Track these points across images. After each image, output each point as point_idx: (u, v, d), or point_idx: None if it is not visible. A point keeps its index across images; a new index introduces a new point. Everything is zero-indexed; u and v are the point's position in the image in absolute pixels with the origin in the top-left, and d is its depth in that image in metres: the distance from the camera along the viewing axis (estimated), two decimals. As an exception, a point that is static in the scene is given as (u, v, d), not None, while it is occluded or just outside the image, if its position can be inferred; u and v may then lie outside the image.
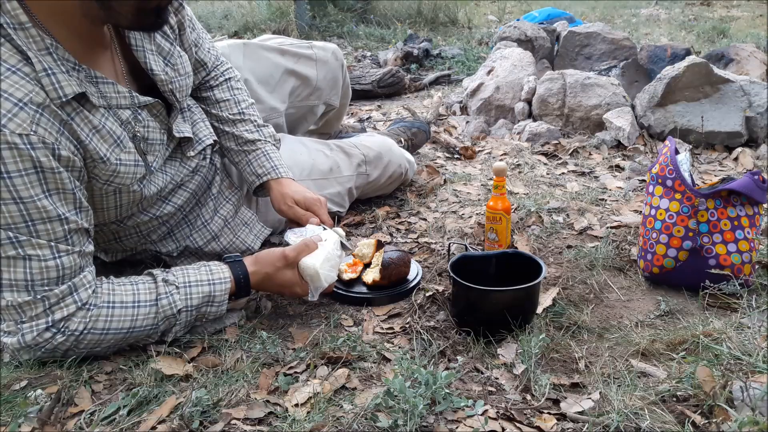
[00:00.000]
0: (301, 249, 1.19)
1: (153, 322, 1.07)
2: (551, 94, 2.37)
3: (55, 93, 0.98)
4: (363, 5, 5.17)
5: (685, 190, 1.24)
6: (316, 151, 1.62)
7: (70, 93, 0.99)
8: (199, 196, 1.38)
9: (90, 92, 1.03)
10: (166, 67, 1.20)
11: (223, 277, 1.13)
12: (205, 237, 1.40)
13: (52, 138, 0.96)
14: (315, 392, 0.98)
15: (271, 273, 1.17)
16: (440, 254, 1.47)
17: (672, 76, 2.19)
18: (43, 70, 0.96)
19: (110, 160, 1.07)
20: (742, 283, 1.22)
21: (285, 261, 1.17)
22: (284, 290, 1.21)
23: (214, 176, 1.42)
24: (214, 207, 1.42)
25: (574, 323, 1.16)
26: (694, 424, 0.88)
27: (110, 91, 1.08)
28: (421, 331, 1.15)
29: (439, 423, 0.90)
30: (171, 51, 1.22)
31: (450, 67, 3.63)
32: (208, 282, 1.12)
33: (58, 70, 0.98)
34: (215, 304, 1.13)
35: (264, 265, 1.18)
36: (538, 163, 2.11)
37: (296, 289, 1.19)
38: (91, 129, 1.04)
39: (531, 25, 3.16)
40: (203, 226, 1.40)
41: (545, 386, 0.97)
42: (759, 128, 2.16)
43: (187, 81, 1.26)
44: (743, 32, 4.36)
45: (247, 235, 1.46)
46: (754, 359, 0.97)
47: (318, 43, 1.82)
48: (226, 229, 1.43)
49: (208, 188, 1.41)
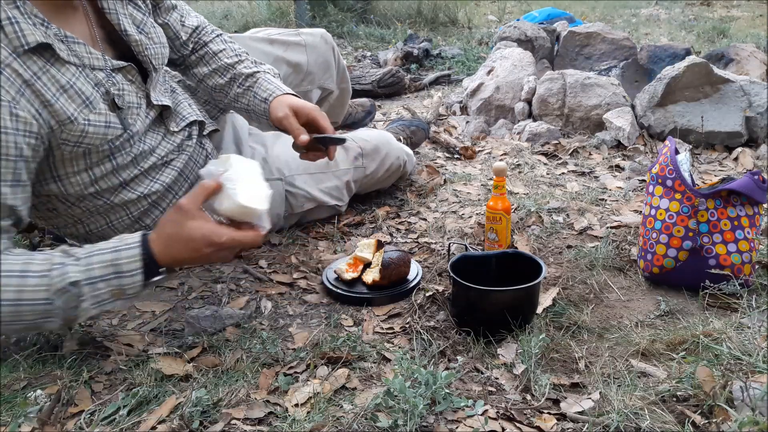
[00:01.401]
0: (197, 193, 0.99)
1: (45, 296, 0.94)
2: (551, 94, 2.37)
3: (18, 41, 0.96)
4: (363, 5, 5.16)
5: (685, 190, 1.24)
6: None
7: (32, 42, 0.97)
8: (192, 179, 1.36)
9: (58, 47, 1.02)
10: (140, 34, 1.20)
11: (130, 242, 0.99)
12: None
13: (9, 96, 0.94)
14: (315, 392, 0.98)
15: (172, 233, 0.99)
16: (440, 254, 1.47)
17: (672, 76, 2.19)
18: (6, 18, 0.96)
19: (78, 120, 1.04)
20: (742, 283, 1.22)
21: (181, 212, 0.99)
22: (206, 253, 0.99)
23: (206, 159, 1.41)
24: None
25: (574, 323, 1.16)
26: (694, 424, 0.88)
27: (82, 51, 1.07)
28: (421, 331, 1.15)
29: (439, 423, 0.90)
30: (144, 20, 1.23)
31: (450, 67, 3.62)
32: (113, 249, 0.99)
33: (22, 20, 0.97)
34: (125, 274, 0.98)
35: (162, 225, 1.01)
36: (538, 163, 2.11)
37: (222, 251, 1.00)
38: (58, 88, 1.02)
39: (531, 25, 3.16)
40: None
41: (545, 386, 0.97)
42: (759, 128, 2.16)
43: (162, 50, 1.26)
44: (743, 32, 4.36)
45: None
46: (754, 359, 0.97)
47: (305, 30, 1.86)
48: None
49: (197, 166, 1.39)
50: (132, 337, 1.16)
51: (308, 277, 1.40)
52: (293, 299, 1.31)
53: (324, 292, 1.33)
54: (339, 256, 1.47)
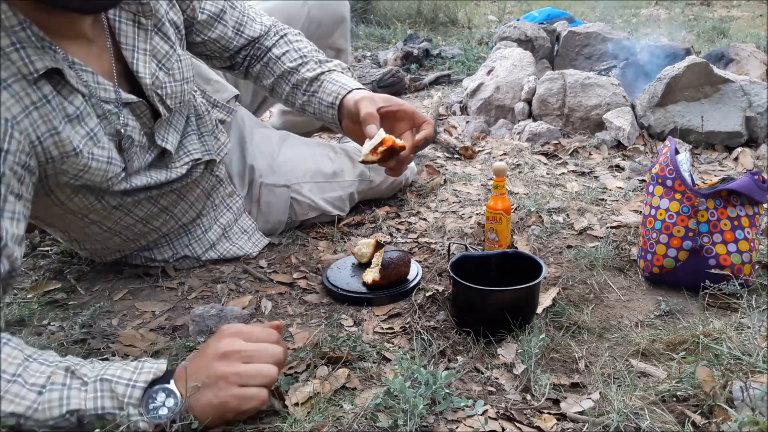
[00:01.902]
0: None
1: None
2: (551, 94, 2.37)
3: (26, 68, 0.90)
4: (363, 5, 5.17)
5: (685, 190, 1.24)
6: (321, 155, 1.61)
7: (41, 68, 0.91)
8: (200, 209, 1.36)
9: (68, 74, 0.97)
10: (160, 70, 1.14)
11: None
12: (204, 245, 1.40)
13: (9, 114, 0.87)
14: (315, 392, 0.98)
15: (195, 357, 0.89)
16: (440, 254, 1.47)
17: (672, 76, 2.19)
18: (11, 44, 0.89)
19: (83, 153, 1.00)
20: (742, 283, 1.22)
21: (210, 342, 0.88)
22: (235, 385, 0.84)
23: (215, 187, 1.39)
24: (214, 216, 1.41)
25: (574, 323, 1.17)
26: (694, 424, 0.88)
27: (90, 80, 1.02)
28: (421, 331, 1.15)
29: (439, 423, 0.90)
30: (169, 54, 1.16)
31: (450, 67, 3.62)
32: None
33: (29, 45, 0.90)
34: None
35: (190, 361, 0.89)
36: (538, 163, 2.11)
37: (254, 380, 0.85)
38: (65, 116, 0.97)
39: (531, 25, 3.16)
40: (202, 235, 1.39)
41: (545, 386, 0.97)
42: (759, 128, 2.16)
43: (183, 87, 1.20)
44: (743, 32, 4.36)
45: (245, 243, 1.45)
46: (754, 359, 0.97)
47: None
48: (224, 238, 1.42)
49: (207, 198, 1.39)
50: (133, 336, 1.16)
51: (308, 277, 1.40)
52: (293, 299, 1.31)
53: (324, 292, 1.33)
54: (339, 256, 1.47)
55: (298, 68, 1.29)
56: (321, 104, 1.22)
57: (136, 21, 1.11)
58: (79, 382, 0.82)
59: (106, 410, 0.81)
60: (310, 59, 1.30)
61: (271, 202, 1.49)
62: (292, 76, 1.29)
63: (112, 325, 1.22)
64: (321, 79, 1.24)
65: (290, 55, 1.30)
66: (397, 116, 1.16)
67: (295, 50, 1.31)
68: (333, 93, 1.20)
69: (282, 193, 1.49)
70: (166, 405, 0.82)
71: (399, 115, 1.16)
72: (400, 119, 1.17)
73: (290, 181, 1.51)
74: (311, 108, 1.26)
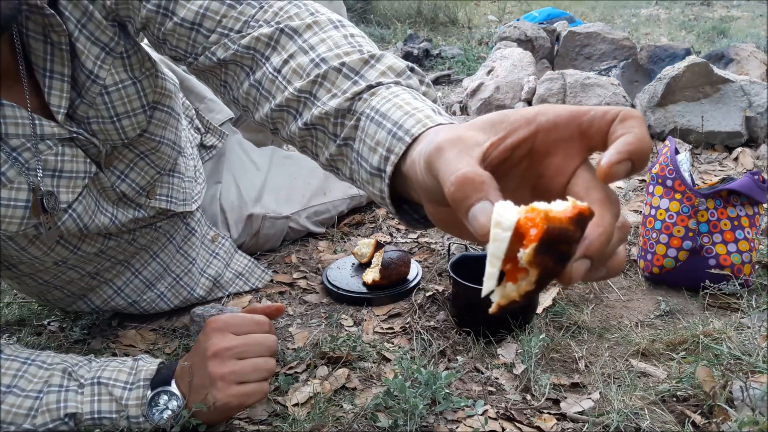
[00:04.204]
0: None
1: None
2: (551, 94, 2.37)
3: None
4: (363, 5, 5.16)
5: (685, 190, 1.24)
6: (310, 171, 1.55)
7: None
8: (162, 259, 1.20)
9: None
10: (82, 103, 0.88)
11: None
12: (190, 300, 1.25)
13: None
14: (315, 392, 0.98)
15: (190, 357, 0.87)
16: (440, 254, 1.47)
17: (672, 76, 2.19)
18: None
19: None
20: (742, 283, 1.22)
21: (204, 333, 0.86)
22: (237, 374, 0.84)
23: (187, 236, 1.22)
24: (201, 267, 1.26)
25: (574, 323, 1.17)
26: (694, 424, 0.88)
27: (8, 113, 0.82)
28: (421, 331, 1.15)
29: (439, 423, 0.90)
30: (87, 85, 0.87)
31: (450, 67, 3.62)
32: None
33: None
34: None
35: None
36: (538, 163, 2.11)
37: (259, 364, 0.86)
38: None
39: (531, 25, 3.16)
40: (185, 288, 1.23)
41: (545, 386, 0.97)
42: (759, 128, 2.16)
43: (117, 124, 0.93)
44: (743, 32, 4.36)
45: (243, 286, 1.33)
46: (754, 359, 0.97)
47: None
48: (216, 288, 1.29)
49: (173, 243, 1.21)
50: (134, 337, 1.16)
51: (308, 277, 1.40)
52: (293, 299, 1.31)
53: (324, 292, 1.33)
54: (339, 256, 1.47)
55: (313, 98, 0.68)
56: (360, 161, 0.61)
57: (47, 37, 0.82)
58: (76, 384, 0.82)
59: (103, 414, 0.82)
60: (328, 72, 0.67)
61: (270, 234, 1.47)
62: (298, 106, 0.71)
63: (112, 325, 1.22)
64: (355, 114, 0.63)
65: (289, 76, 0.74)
66: (536, 148, 0.48)
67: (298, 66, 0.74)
68: (381, 139, 0.57)
69: (282, 224, 1.47)
70: (169, 407, 0.83)
71: (541, 143, 0.47)
72: (549, 149, 0.48)
73: (288, 213, 1.48)
74: (346, 170, 0.67)
